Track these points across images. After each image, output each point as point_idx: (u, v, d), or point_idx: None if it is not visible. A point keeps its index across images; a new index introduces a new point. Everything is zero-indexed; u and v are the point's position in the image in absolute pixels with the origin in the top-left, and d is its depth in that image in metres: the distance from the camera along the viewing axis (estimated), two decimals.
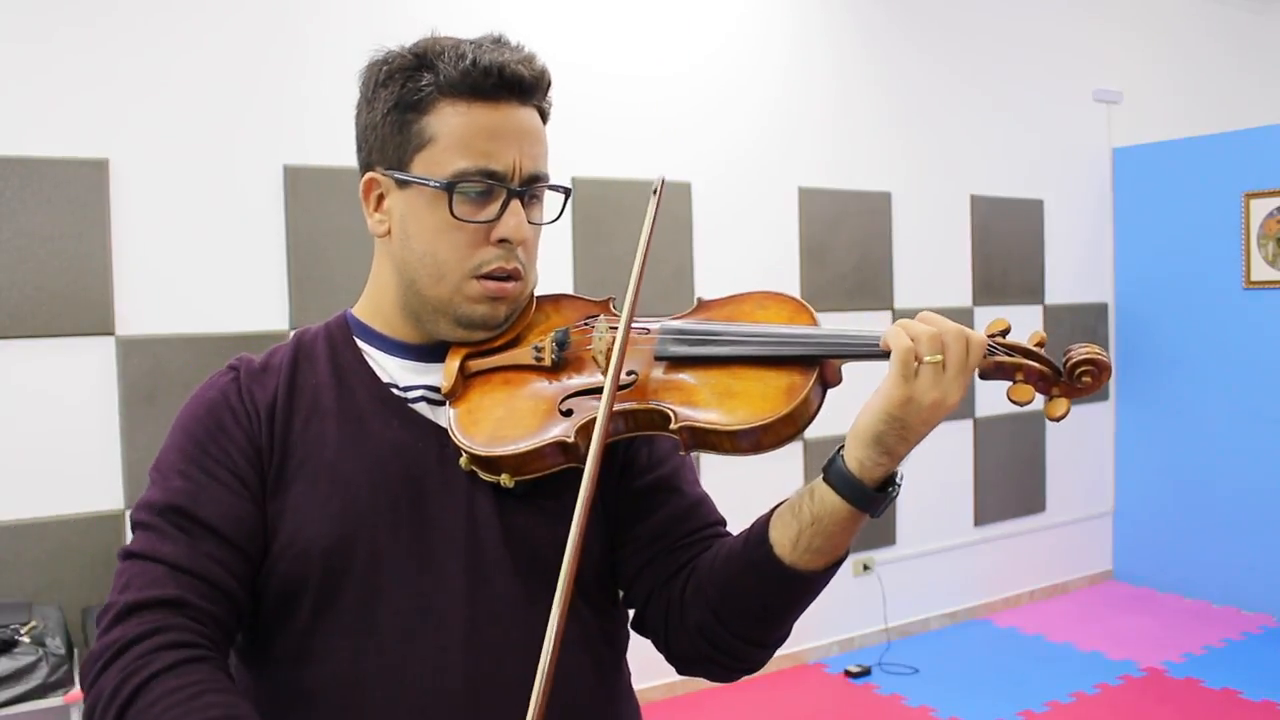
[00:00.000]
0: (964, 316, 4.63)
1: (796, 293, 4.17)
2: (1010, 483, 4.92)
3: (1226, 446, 4.83)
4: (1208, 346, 4.89)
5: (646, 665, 1.33)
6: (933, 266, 4.59)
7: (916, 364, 0.89)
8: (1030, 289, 4.95)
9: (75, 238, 2.86)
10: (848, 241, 4.34)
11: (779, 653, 1.09)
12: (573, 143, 3.61)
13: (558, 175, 1.09)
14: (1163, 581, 5.12)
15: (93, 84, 2.89)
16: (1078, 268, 5.14)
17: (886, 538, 4.51)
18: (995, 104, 4.81)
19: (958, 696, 3.88)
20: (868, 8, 4.43)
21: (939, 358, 0.89)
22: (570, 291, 1.16)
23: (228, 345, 3.02)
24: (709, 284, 3.94)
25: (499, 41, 1.05)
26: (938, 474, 4.64)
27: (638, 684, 1.18)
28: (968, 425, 4.74)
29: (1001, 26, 4.84)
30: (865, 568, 4.44)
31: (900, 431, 0.90)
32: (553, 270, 3.56)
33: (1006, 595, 4.94)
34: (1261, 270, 4.69)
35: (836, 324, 1.01)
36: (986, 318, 4.83)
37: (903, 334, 0.90)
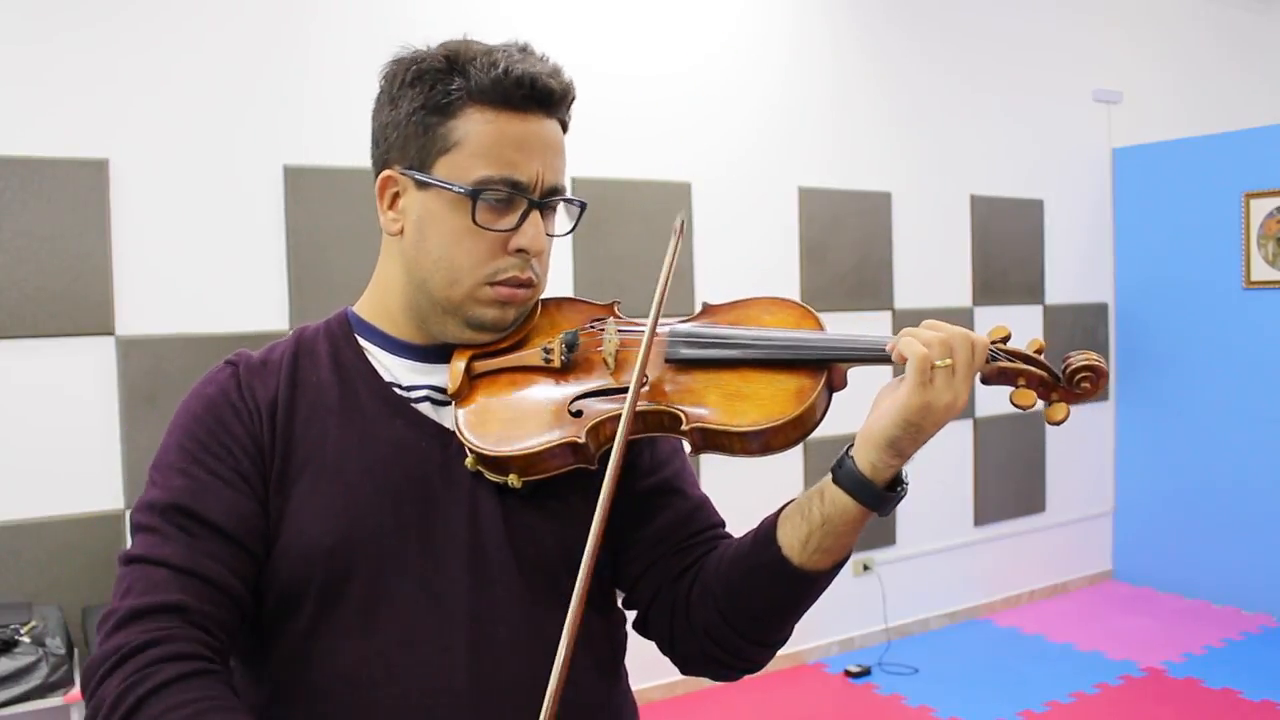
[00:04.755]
0: (964, 316, 4.64)
1: (796, 293, 4.17)
2: (1010, 483, 4.92)
3: (1226, 446, 4.83)
4: (1208, 346, 4.89)
5: (646, 665, 1.33)
6: (933, 266, 4.59)
7: (931, 370, 0.91)
8: (1030, 289, 4.95)
9: (75, 238, 2.86)
10: (848, 241, 4.34)
11: (779, 652, 1.10)
12: (572, 142, 3.61)
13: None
14: (1163, 581, 5.12)
15: (93, 84, 2.89)
16: (1078, 268, 5.13)
17: (886, 538, 4.51)
18: (995, 104, 4.81)
19: (958, 696, 3.87)
20: (868, 8, 4.43)
21: (949, 362, 0.91)
22: (572, 294, 1.17)
23: (228, 345, 3.00)
24: (709, 284, 3.94)
25: (525, 50, 1.05)
26: (938, 474, 4.64)
27: (637, 684, 1.18)
28: (968, 425, 4.73)
29: (1001, 26, 4.84)
30: (865, 568, 4.44)
31: (914, 435, 0.92)
32: (553, 270, 3.56)
33: (1006, 595, 4.94)
34: (1261, 270, 4.69)
35: (838, 325, 1.03)
36: (986, 317, 4.84)
37: (916, 342, 0.92)
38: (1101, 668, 4.12)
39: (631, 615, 1.15)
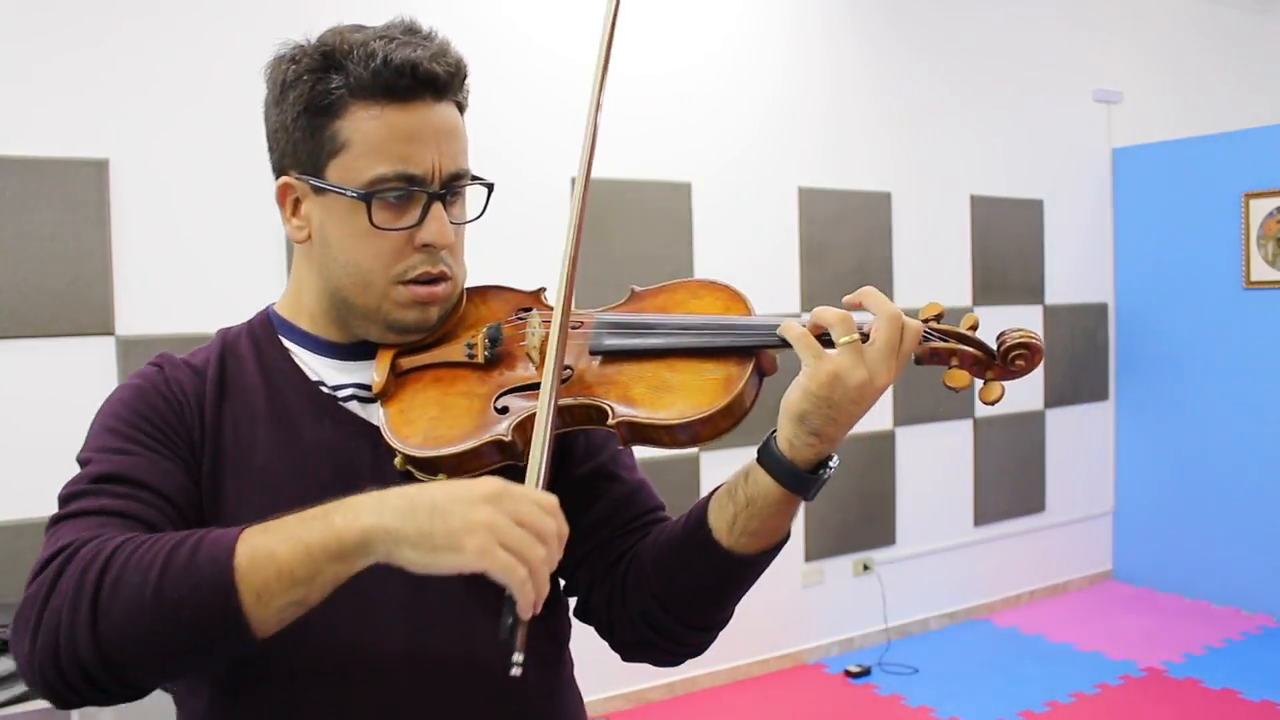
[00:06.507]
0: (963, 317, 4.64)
1: (796, 293, 4.18)
2: (1010, 483, 4.92)
3: (1226, 446, 4.83)
4: (1208, 346, 4.89)
5: (646, 665, 1.33)
6: (933, 267, 4.59)
7: (821, 345, 0.90)
8: (1030, 289, 4.95)
9: (75, 238, 2.86)
10: (848, 241, 4.34)
11: (779, 653, 1.10)
12: (572, 142, 3.61)
13: (557, 175, 1.08)
14: (1163, 581, 5.12)
15: (93, 83, 2.89)
16: (1078, 268, 5.14)
17: (886, 538, 4.51)
18: (995, 104, 4.81)
19: (958, 696, 3.88)
20: (867, 8, 4.43)
21: (853, 338, 0.89)
22: (500, 283, 1.13)
23: None
24: None
25: (410, 31, 1.01)
26: (938, 474, 4.64)
27: (636, 684, 1.18)
28: (968, 425, 4.74)
29: (1001, 27, 4.84)
30: (865, 568, 4.44)
31: (827, 411, 0.90)
32: (552, 270, 3.56)
33: (1006, 595, 4.94)
34: (1261, 270, 4.69)
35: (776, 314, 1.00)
36: (987, 317, 4.82)
37: (793, 324, 0.92)
38: (1101, 668, 4.13)
39: (572, 602, 1.13)
